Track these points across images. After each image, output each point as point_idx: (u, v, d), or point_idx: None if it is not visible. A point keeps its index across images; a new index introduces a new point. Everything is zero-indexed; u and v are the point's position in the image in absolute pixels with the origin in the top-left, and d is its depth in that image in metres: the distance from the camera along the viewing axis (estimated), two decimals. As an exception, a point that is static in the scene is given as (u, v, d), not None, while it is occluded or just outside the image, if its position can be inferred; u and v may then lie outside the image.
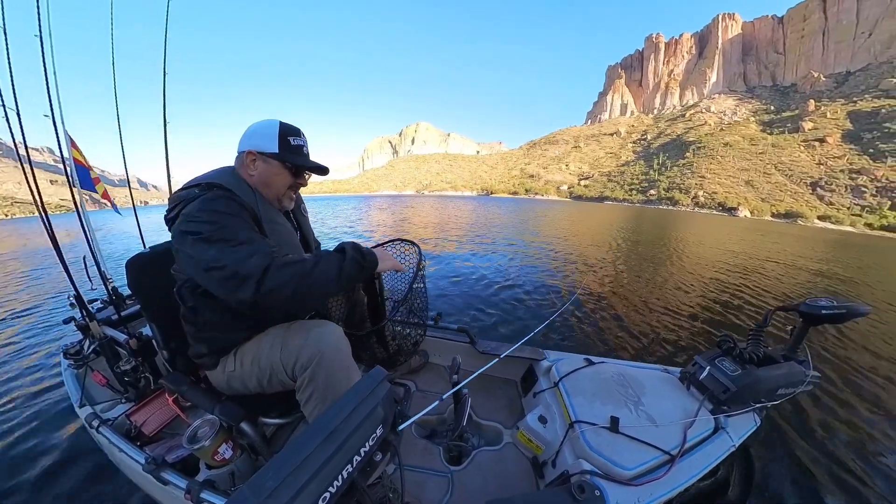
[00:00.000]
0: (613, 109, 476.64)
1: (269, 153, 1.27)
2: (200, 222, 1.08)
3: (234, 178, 1.27)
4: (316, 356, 1.15)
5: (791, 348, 1.59)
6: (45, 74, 2.28)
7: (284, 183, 1.34)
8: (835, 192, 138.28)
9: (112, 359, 1.88)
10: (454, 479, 1.57)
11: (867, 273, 10.84)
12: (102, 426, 1.59)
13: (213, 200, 1.13)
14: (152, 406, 1.83)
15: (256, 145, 1.27)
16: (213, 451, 1.30)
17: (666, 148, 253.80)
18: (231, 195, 1.18)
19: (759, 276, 8.44)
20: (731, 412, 1.50)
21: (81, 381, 1.88)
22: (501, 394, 2.13)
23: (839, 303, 1.43)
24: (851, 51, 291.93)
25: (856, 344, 4.36)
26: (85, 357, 1.98)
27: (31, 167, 2.20)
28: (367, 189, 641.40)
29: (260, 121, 1.31)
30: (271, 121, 1.31)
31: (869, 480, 2.15)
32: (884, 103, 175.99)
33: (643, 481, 1.25)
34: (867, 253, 18.17)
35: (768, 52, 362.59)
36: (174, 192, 1.24)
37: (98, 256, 2.58)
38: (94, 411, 1.70)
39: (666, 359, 3.69)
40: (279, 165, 1.29)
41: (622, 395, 1.59)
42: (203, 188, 1.19)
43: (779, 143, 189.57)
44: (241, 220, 1.14)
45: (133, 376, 1.84)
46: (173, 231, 1.15)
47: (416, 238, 12.65)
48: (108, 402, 1.84)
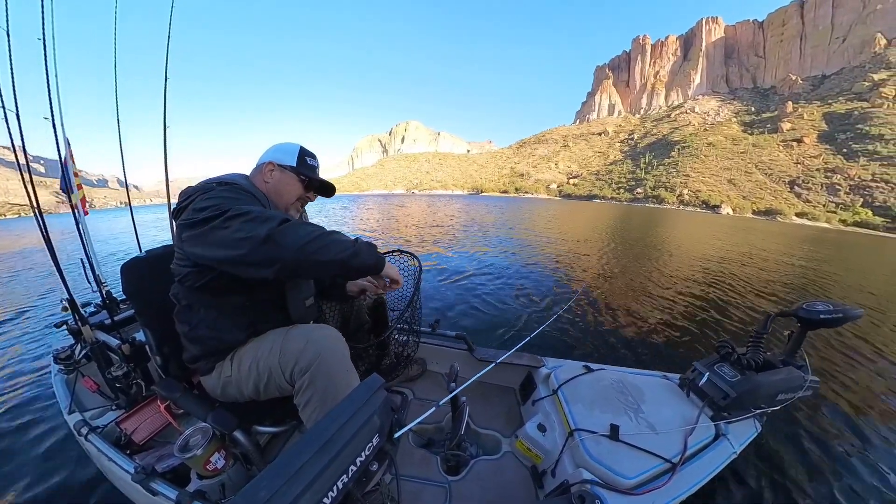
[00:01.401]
0: (601, 109, 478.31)
1: (286, 165, 1.37)
2: (219, 198, 1.08)
3: (248, 182, 1.32)
4: (315, 359, 1.13)
5: (789, 353, 1.56)
6: (47, 77, 2.18)
7: (295, 193, 1.41)
8: (811, 190, 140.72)
9: (104, 364, 1.81)
10: (452, 490, 1.52)
11: (852, 273, 10.96)
12: (91, 434, 1.53)
13: (226, 191, 1.14)
14: (143, 413, 1.75)
15: (277, 158, 1.38)
16: (205, 461, 1.25)
17: (652, 147, 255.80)
18: (242, 189, 1.21)
19: (751, 273, 8.52)
20: (732, 418, 1.47)
21: (71, 387, 1.81)
22: (500, 402, 2.08)
23: (836, 307, 1.41)
24: (827, 55, 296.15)
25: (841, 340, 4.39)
26: (76, 362, 1.90)
27: (28, 170, 2.10)
28: (357, 188, 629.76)
29: (284, 142, 1.45)
30: (292, 143, 1.44)
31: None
32: (856, 105, 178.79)
33: (644, 490, 1.21)
34: (842, 250, 18.50)
35: (749, 56, 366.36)
36: (187, 187, 1.21)
37: (93, 260, 2.49)
38: (83, 418, 1.64)
39: (663, 364, 3.61)
40: (294, 176, 1.39)
41: (622, 403, 1.55)
42: (219, 185, 1.22)
43: (759, 143, 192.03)
44: (255, 201, 1.19)
45: (125, 382, 1.77)
46: (183, 221, 1.09)
47: (409, 238, 12.59)
48: (98, 409, 1.77)
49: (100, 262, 2.57)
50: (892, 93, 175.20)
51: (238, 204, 1.06)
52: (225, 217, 1.00)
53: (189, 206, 1.09)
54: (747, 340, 1.62)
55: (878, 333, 4.84)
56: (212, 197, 1.09)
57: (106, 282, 2.48)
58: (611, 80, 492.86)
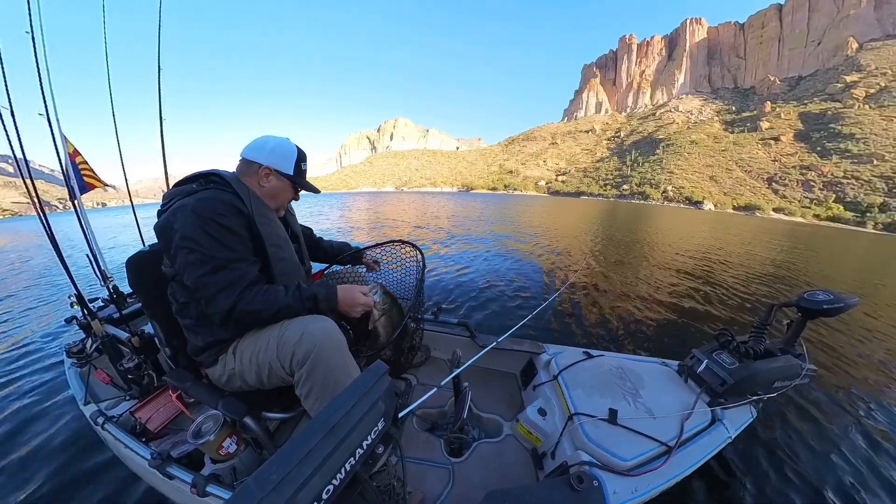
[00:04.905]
0: (589, 107, 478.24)
1: (284, 174, 1.33)
2: (194, 242, 1.11)
3: (234, 178, 1.29)
4: (312, 351, 1.12)
5: (788, 342, 1.57)
6: (38, 72, 2.11)
7: (288, 198, 1.43)
8: (788, 186, 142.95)
9: (115, 357, 1.79)
10: (455, 471, 1.53)
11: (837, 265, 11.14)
12: (108, 423, 1.53)
13: (204, 215, 1.12)
14: (156, 403, 1.74)
15: (275, 163, 1.31)
16: (218, 446, 1.27)
17: (638, 145, 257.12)
18: (227, 197, 1.20)
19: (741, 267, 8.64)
20: (728, 404, 1.48)
21: (85, 380, 1.80)
22: (501, 387, 2.08)
23: (836, 296, 1.42)
24: (803, 57, 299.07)
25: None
26: (88, 355, 1.90)
27: (29, 171, 2.05)
28: (346, 186, 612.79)
29: (279, 139, 1.36)
30: (290, 144, 1.36)
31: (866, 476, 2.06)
32: (829, 106, 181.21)
33: (641, 472, 1.23)
34: (817, 240, 18.81)
35: (731, 56, 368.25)
36: (170, 188, 1.27)
37: (98, 255, 2.44)
38: (98, 408, 1.63)
39: (662, 351, 3.59)
40: (290, 185, 1.38)
41: (620, 388, 1.56)
42: (201, 183, 1.25)
43: (739, 141, 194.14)
44: (228, 237, 1.16)
45: (136, 374, 1.76)
46: (168, 235, 1.15)
47: (406, 235, 12.50)
48: (113, 400, 1.75)
49: (104, 258, 2.52)
50: (863, 94, 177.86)
51: (214, 254, 1.12)
52: (202, 274, 1.11)
53: (174, 226, 1.13)
54: (750, 332, 1.62)
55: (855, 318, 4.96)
56: (195, 237, 1.11)
57: (112, 276, 2.44)
58: (598, 79, 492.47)
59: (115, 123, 2.93)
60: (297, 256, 1.46)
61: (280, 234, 1.37)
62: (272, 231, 1.31)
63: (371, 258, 1.97)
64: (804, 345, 1.57)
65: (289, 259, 1.38)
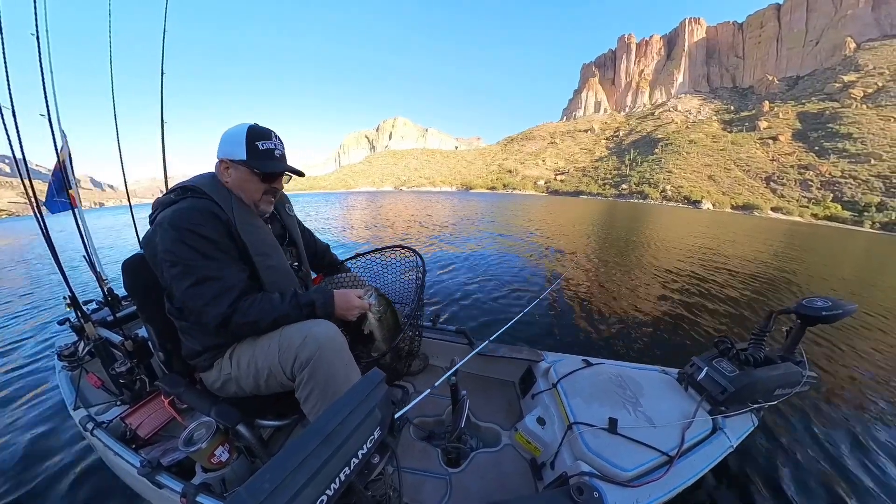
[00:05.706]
0: (588, 107, 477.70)
1: (237, 160, 1.19)
2: (174, 255, 1.10)
3: (213, 183, 1.23)
4: (315, 353, 1.10)
5: (788, 349, 1.54)
6: (42, 73, 2.05)
7: (257, 189, 1.25)
8: (786, 185, 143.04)
9: (107, 361, 1.74)
10: (452, 482, 1.49)
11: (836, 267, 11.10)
12: (97, 429, 1.48)
13: (181, 226, 1.09)
14: (148, 408, 1.70)
15: (227, 153, 1.20)
16: (210, 454, 1.23)
17: (637, 144, 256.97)
18: (204, 205, 1.15)
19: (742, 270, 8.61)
20: (729, 413, 1.44)
21: (76, 384, 1.75)
22: (500, 395, 2.04)
23: (834, 302, 1.39)
24: (801, 57, 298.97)
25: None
26: (80, 359, 1.85)
27: (28, 172, 2.00)
28: (345, 185, 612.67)
29: (232, 126, 1.23)
30: (240, 126, 1.20)
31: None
32: (827, 105, 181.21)
33: (642, 482, 1.19)
34: (817, 241, 18.79)
35: (729, 56, 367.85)
36: (156, 199, 1.25)
37: (94, 257, 2.40)
38: (88, 414, 1.58)
39: (661, 359, 3.51)
40: (248, 172, 1.21)
41: (620, 397, 1.52)
42: (179, 193, 1.20)
43: (737, 140, 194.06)
44: (206, 247, 1.12)
45: (128, 378, 1.71)
46: (153, 248, 1.15)
47: (406, 236, 12.45)
48: (103, 405, 1.70)
49: (101, 260, 2.48)
50: (861, 94, 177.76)
51: (195, 265, 1.10)
52: (188, 286, 1.10)
53: (156, 240, 1.12)
54: (749, 338, 1.59)
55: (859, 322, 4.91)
56: (174, 249, 1.09)
57: (107, 279, 2.40)
58: (597, 78, 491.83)
59: (117, 125, 2.89)
60: (287, 263, 1.39)
61: (267, 240, 1.30)
62: (257, 238, 1.23)
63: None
64: (804, 351, 1.54)
65: (278, 266, 1.31)
